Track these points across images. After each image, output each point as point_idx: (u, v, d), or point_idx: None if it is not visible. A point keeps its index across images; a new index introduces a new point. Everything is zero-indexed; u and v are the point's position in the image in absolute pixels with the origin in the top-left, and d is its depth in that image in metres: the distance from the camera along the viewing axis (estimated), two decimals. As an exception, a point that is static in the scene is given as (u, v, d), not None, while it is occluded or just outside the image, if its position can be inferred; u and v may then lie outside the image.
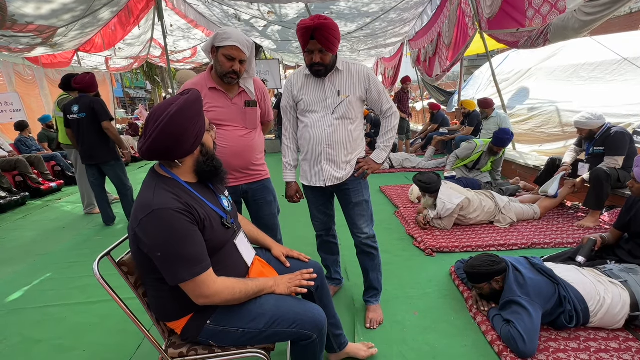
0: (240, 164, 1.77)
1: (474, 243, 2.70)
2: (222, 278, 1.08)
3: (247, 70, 1.70)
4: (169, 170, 1.10)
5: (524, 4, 3.73)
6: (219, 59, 1.60)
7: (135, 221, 1.00)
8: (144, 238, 0.99)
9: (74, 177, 5.66)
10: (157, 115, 1.02)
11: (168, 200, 1.00)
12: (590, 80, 5.00)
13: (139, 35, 7.11)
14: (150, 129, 1.01)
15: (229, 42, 1.55)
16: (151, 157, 1.06)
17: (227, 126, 1.72)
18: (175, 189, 1.06)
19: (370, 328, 1.82)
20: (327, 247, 2.04)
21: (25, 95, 7.01)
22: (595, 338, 1.62)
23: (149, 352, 1.71)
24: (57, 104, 3.81)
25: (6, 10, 3.61)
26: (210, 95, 1.68)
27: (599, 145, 2.99)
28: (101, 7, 4.69)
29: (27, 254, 3.03)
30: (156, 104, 12.74)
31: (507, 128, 4.19)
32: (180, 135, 1.03)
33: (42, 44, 5.04)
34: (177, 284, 1.01)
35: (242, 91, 1.75)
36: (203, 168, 1.13)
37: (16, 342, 1.87)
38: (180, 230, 0.99)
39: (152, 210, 0.98)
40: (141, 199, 1.03)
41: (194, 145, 1.09)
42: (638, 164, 1.90)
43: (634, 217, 1.96)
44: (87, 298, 2.26)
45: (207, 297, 1.04)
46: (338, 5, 5.65)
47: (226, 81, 1.65)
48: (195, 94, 1.09)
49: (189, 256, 1.00)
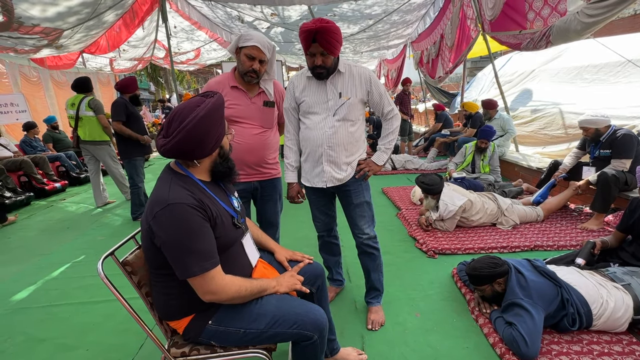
0: (253, 161, 1.83)
1: (476, 245, 2.69)
2: (229, 276, 1.10)
3: (268, 72, 1.79)
4: (185, 169, 1.13)
5: (524, 6, 3.73)
6: (241, 58, 1.70)
7: (150, 214, 1.03)
8: (159, 231, 1.01)
9: (78, 177, 5.74)
10: (184, 116, 1.04)
11: (183, 195, 1.03)
12: (594, 82, 4.97)
13: (143, 37, 7.17)
14: (175, 129, 1.04)
15: (251, 42, 1.65)
16: (173, 156, 1.10)
17: (244, 123, 1.80)
18: (190, 186, 1.08)
19: (372, 329, 1.82)
20: (329, 248, 2.04)
21: (30, 97, 7.08)
22: (598, 341, 1.62)
23: (151, 352, 1.73)
24: (87, 104, 3.93)
25: (13, 12, 3.66)
26: (232, 93, 1.77)
27: (606, 148, 2.94)
28: (106, 10, 4.74)
29: (31, 254, 3.06)
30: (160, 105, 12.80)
31: (490, 125, 4.33)
32: (203, 138, 1.07)
33: (48, 46, 5.09)
34: (187, 277, 1.03)
35: (261, 91, 1.83)
36: (219, 169, 1.16)
37: (20, 340, 1.89)
38: (193, 225, 1.02)
39: (167, 204, 1.01)
40: (157, 194, 1.06)
41: (214, 147, 1.12)
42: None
43: (637, 220, 1.94)
44: (90, 298, 2.28)
45: (214, 293, 1.05)
46: (341, 7, 5.67)
47: (246, 80, 1.74)
48: (220, 99, 1.12)
49: (200, 251, 1.02)
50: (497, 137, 4.77)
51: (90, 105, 3.90)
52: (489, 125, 4.14)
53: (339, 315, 1.94)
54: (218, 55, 9.76)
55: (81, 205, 4.54)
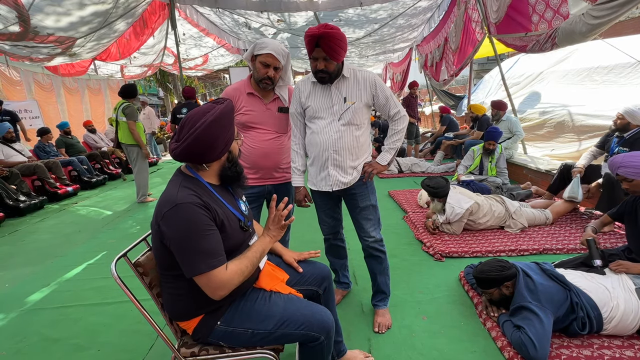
0: (268, 165, 1.88)
1: (484, 248, 2.67)
2: (228, 264, 1.10)
3: (283, 78, 1.84)
4: (195, 172, 1.17)
5: (527, 9, 3.72)
6: (256, 66, 1.76)
7: (159, 215, 1.06)
8: (167, 230, 1.04)
9: (89, 181, 5.88)
10: (194, 121, 1.08)
11: (190, 196, 1.07)
12: (604, 83, 4.91)
13: (153, 45, 7.33)
14: (185, 133, 1.08)
15: (266, 50, 1.71)
16: (183, 159, 1.14)
17: (259, 129, 1.85)
18: (198, 188, 1.12)
19: (379, 332, 1.82)
20: (335, 251, 2.06)
21: (43, 103, 7.29)
22: (609, 346, 1.59)
23: (162, 353, 1.75)
24: (122, 110, 4.35)
25: (29, 22, 3.79)
26: (247, 100, 1.83)
27: (626, 145, 2.89)
28: (117, 19, 4.87)
29: (45, 256, 3.13)
30: (168, 110, 12.96)
31: (497, 126, 4.32)
32: (213, 142, 1.10)
33: (62, 54, 5.25)
34: (194, 275, 1.05)
35: (276, 98, 1.88)
36: (227, 173, 1.19)
37: (35, 340, 1.94)
38: (200, 225, 1.05)
39: (175, 204, 1.04)
40: (166, 195, 1.10)
41: (222, 152, 1.16)
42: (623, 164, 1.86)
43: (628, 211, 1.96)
44: (102, 299, 2.33)
45: (223, 287, 1.07)
46: (346, 12, 5.72)
47: (262, 86, 1.79)
48: (229, 105, 1.16)
49: (207, 249, 1.05)
50: (504, 139, 4.74)
51: (123, 111, 4.31)
52: (495, 127, 4.12)
53: (346, 318, 1.94)
54: (225, 60, 9.90)
55: (92, 209, 4.63)
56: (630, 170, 1.82)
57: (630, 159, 1.84)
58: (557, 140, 4.98)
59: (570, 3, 3.18)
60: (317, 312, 1.18)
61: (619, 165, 1.87)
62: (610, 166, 1.95)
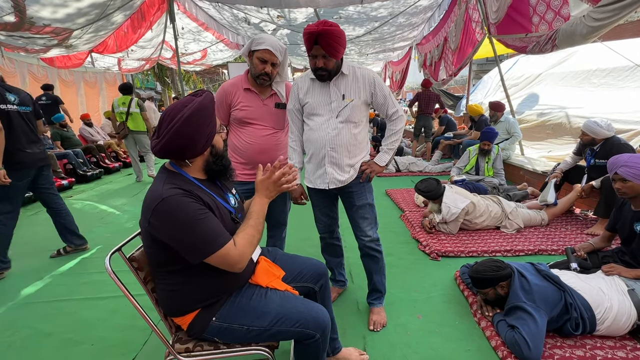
0: (265, 161, 1.84)
1: (480, 248, 2.68)
2: (236, 237, 1.09)
3: (280, 74, 1.82)
4: (179, 168, 1.14)
5: (528, 10, 3.73)
6: (254, 62, 1.74)
7: (148, 212, 1.04)
8: (161, 224, 1.02)
9: (85, 175, 5.83)
10: (172, 116, 1.05)
11: (176, 190, 1.04)
12: (602, 86, 4.94)
13: (151, 38, 7.24)
14: (164, 129, 1.05)
15: (263, 46, 1.70)
16: (164, 156, 1.10)
17: (256, 124, 1.84)
18: (184, 184, 1.09)
19: (374, 330, 1.82)
20: (331, 249, 2.05)
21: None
22: (601, 346, 1.61)
23: (156, 348, 1.75)
24: (136, 103, 5.42)
25: (25, 12, 3.73)
26: (244, 95, 1.81)
27: (601, 157, 2.91)
28: (114, 11, 4.81)
29: (39, 250, 3.10)
30: (166, 104, 12.89)
31: (493, 127, 4.33)
32: (192, 137, 1.07)
33: (58, 45, 5.17)
34: (206, 258, 1.03)
35: (273, 93, 1.86)
36: (212, 167, 1.17)
37: (27, 334, 1.92)
38: (193, 211, 1.02)
39: (162, 198, 1.02)
40: (151, 192, 1.07)
41: (204, 146, 1.12)
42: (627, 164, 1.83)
43: (620, 219, 1.96)
44: (96, 293, 2.31)
45: (240, 261, 1.07)
46: (347, 10, 5.69)
47: (259, 82, 1.78)
48: (208, 97, 1.11)
49: (209, 231, 1.03)
50: (502, 140, 4.75)
51: (138, 104, 5.40)
52: (491, 127, 4.14)
53: (341, 315, 1.94)
54: (224, 56, 9.82)
55: (88, 203, 4.60)
56: (631, 171, 1.79)
57: (637, 161, 1.80)
58: (555, 142, 5.01)
59: (571, 5, 3.19)
60: (313, 309, 1.18)
61: (622, 164, 1.82)
62: (612, 163, 1.89)
